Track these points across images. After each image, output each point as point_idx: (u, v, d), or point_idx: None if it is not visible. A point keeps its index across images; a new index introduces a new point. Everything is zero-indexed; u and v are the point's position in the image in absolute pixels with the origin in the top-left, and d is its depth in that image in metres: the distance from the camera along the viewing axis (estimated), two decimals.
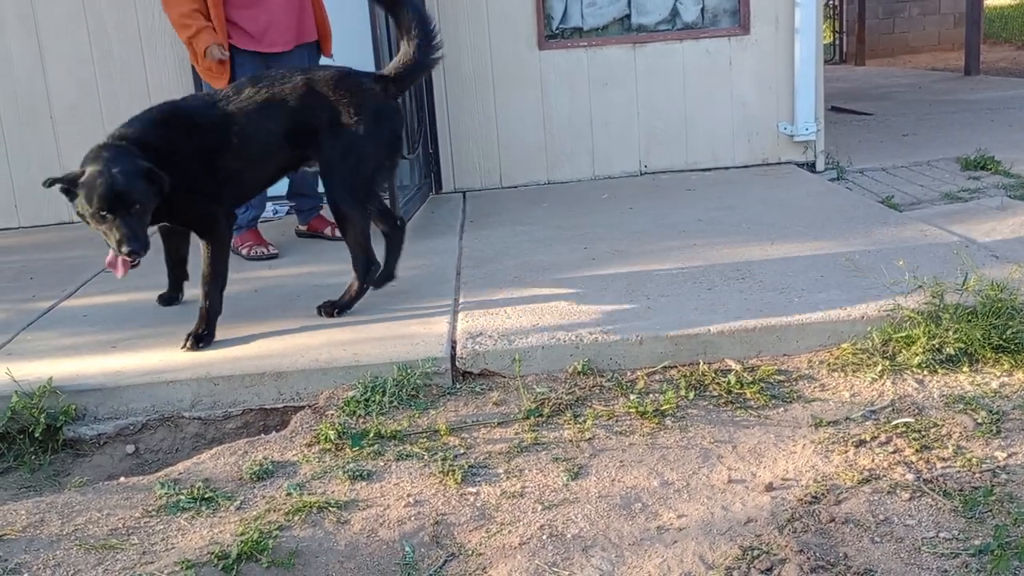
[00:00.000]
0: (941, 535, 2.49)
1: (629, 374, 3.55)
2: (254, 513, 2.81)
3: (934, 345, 3.46)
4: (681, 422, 3.19)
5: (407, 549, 2.62)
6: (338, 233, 5.27)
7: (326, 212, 5.47)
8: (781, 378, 3.46)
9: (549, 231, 5.30)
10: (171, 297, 4.45)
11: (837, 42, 15.88)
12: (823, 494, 2.71)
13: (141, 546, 2.68)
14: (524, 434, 3.17)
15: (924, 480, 2.74)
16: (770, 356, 3.63)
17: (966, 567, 2.36)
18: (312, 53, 5.24)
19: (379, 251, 4.21)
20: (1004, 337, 3.45)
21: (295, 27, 5.11)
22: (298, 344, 3.79)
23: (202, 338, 3.85)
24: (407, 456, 3.08)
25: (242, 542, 2.59)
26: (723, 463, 2.94)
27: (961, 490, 2.68)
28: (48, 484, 3.30)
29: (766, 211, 5.40)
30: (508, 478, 2.93)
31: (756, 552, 2.48)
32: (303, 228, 5.57)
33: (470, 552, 2.60)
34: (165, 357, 3.76)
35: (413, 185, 5.84)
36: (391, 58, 5.14)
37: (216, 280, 3.94)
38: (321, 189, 5.33)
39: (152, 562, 2.59)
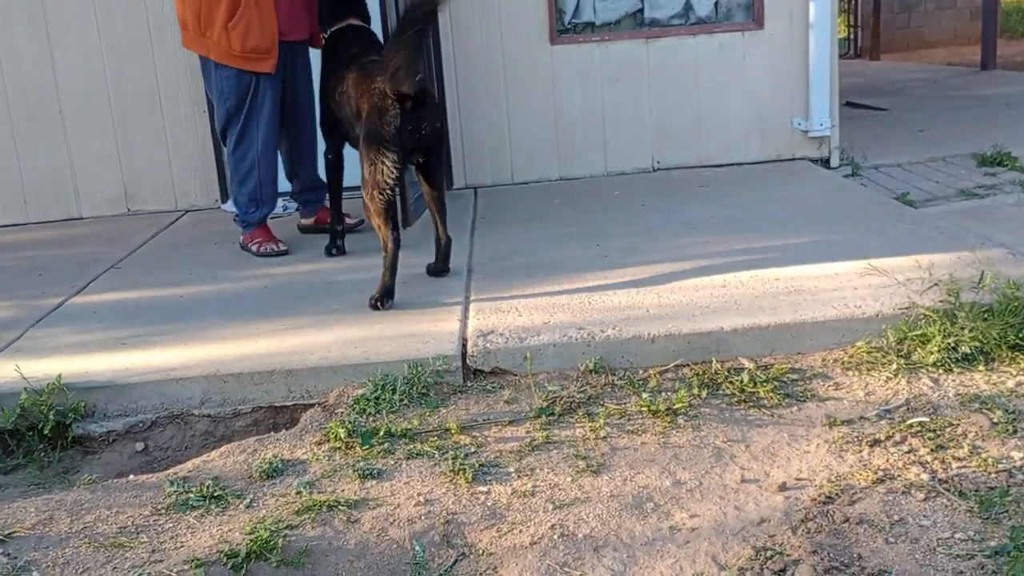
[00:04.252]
0: (956, 536, 2.47)
1: (641, 372, 3.52)
2: (264, 512, 2.80)
3: (949, 344, 3.43)
4: (694, 421, 3.17)
5: (417, 548, 2.60)
6: (349, 221, 5.32)
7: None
8: (795, 377, 3.44)
9: (561, 228, 5.27)
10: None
11: (852, 36, 15.79)
12: (837, 494, 2.69)
13: (150, 544, 2.67)
14: (535, 433, 3.15)
15: (939, 480, 2.71)
16: (784, 354, 3.60)
17: (982, 568, 2.33)
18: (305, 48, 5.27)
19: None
20: (1021, 336, 3.43)
21: (306, 18, 5.13)
22: (308, 342, 3.78)
23: None
24: (417, 455, 3.06)
25: (252, 541, 2.58)
26: (736, 463, 2.91)
27: (977, 490, 2.65)
28: (57, 481, 3.29)
29: (780, 207, 5.37)
30: (519, 477, 2.91)
31: (769, 553, 2.46)
32: (309, 222, 5.55)
33: (480, 552, 2.58)
34: (175, 354, 3.75)
35: None
36: None
37: None
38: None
39: (161, 560, 2.58)
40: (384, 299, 4.09)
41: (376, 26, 5.04)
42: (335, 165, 5.04)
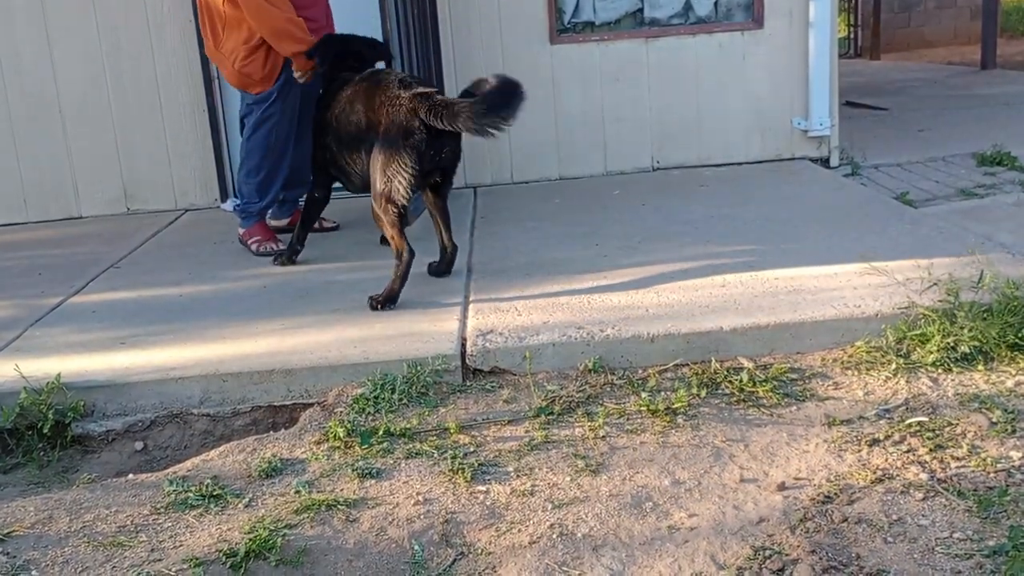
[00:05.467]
0: (955, 535, 2.47)
1: (641, 372, 3.52)
2: (263, 511, 2.80)
3: (949, 343, 3.43)
4: (693, 421, 3.17)
5: (416, 548, 2.60)
6: (326, 224, 5.40)
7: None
8: (794, 376, 3.44)
9: (560, 227, 5.27)
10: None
11: (852, 36, 15.78)
12: (836, 494, 2.69)
13: (149, 543, 2.67)
14: (534, 432, 3.15)
15: (938, 480, 2.71)
16: (783, 354, 3.60)
17: (980, 568, 2.33)
18: None
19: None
20: (1020, 335, 3.43)
21: (327, 28, 5.14)
22: (307, 341, 3.78)
23: None
24: (416, 454, 3.07)
25: (251, 540, 2.59)
26: (735, 462, 2.91)
27: (975, 490, 2.65)
28: (56, 481, 3.30)
29: (779, 207, 5.37)
30: (518, 477, 2.91)
31: (768, 552, 2.46)
32: (282, 223, 5.51)
33: (479, 551, 2.58)
34: (174, 353, 3.75)
35: None
36: (401, 54, 5.13)
37: None
38: None
39: (160, 559, 2.58)
40: (387, 303, 4.09)
41: (376, 27, 5.05)
42: (320, 202, 4.94)
